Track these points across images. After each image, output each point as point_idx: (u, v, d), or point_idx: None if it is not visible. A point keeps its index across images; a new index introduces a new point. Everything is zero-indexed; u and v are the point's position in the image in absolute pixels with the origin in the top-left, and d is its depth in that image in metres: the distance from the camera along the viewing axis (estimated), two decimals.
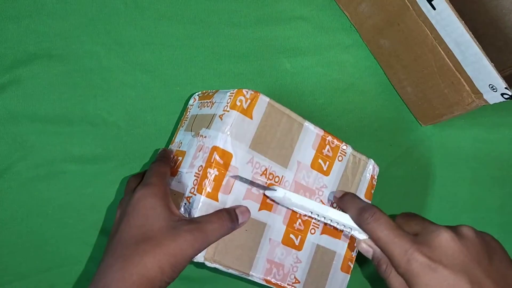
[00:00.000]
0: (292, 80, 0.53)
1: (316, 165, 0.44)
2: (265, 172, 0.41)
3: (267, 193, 0.41)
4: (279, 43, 0.53)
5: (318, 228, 0.45)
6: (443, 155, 0.55)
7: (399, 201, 0.54)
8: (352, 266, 0.47)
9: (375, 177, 0.48)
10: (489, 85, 0.42)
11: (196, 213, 0.38)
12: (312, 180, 0.44)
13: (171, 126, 0.50)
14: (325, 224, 0.44)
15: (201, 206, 0.38)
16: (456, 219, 0.54)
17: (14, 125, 0.48)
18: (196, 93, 0.47)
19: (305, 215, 0.43)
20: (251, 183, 0.40)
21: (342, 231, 0.46)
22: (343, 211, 0.42)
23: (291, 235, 0.43)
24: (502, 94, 0.41)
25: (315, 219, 0.44)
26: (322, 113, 0.53)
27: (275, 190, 0.41)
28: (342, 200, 0.43)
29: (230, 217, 0.38)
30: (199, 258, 0.39)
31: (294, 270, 0.43)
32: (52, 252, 0.48)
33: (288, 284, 0.43)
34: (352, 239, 0.46)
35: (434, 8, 0.41)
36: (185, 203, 0.39)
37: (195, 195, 0.39)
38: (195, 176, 0.39)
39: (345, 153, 0.46)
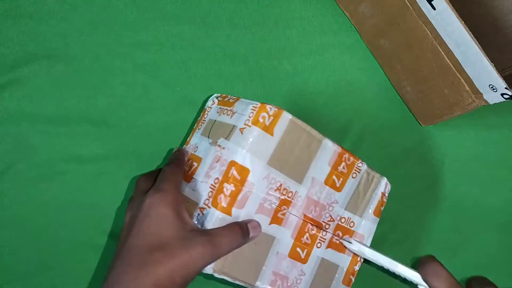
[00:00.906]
0: (293, 80, 0.53)
1: (330, 181, 0.44)
2: (279, 188, 0.41)
3: (343, 242, 0.46)
4: (279, 43, 0.53)
5: (324, 242, 0.45)
6: (443, 155, 0.55)
7: (399, 201, 0.54)
8: (353, 279, 0.47)
9: (386, 194, 0.48)
10: (489, 85, 0.42)
11: (209, 226, 0.39)
12: (324, 195, 0.44)
13: (171, 126, 0.50)
14: (332, 238, 0.45)
15: (215, 220, 0.39)
16: (456, 219, 0.54)
17: (14, 125, 0.48)
18: (214, 95, 0.47)
19: (313, 230, 0.44)
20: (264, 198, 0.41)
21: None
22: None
23: (298, 249, 0.44)
24: (502, 94, 0.41)
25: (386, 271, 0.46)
26: (322, 113, 0.53)
27: (351, 243, 0.45)
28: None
29: (242, 231, 0.39)
30: (208, 270, 0.39)
31: (298, 283, 0.44)
32: (52, 253, 0.48)
33: None
34: (356, 254, 0.47)
35: (434, 8, 0.41)
36: (199, 214, 0.40)
37: (209, 207, 0.39)
38: (210, 187, 0.39)
39: (360, 170, 0.46)
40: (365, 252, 0.45)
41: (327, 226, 0.45)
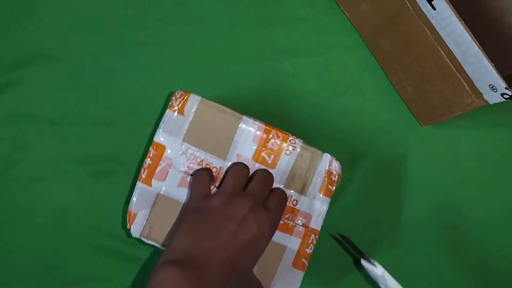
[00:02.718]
0: (293, 80, 0.53)
1: (260, 158, 0.46)
2: (201, 163, 0.45)
3: (365, 263, 0.46)
4: (279, 43, 0.53)
5: None
6: (443, 155, 0.55)
7: (400, 201, 0.54)
8: (307, 263, 0.46)
9: (335, 172, 0.47)
10: (489, 85, 0.42)
11: (135, 196, 0.45)
12: None
13: None
14: None
15: (137, 190, 0.45)
16: (456, 219, 0.54)
17: (14, 125, 0.48)
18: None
19: None
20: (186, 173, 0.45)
21: (294, 226, 0.46)
22: None
23: None
24: (502, 94, 0.41)
25: None
26: (323, 114, 0.53)
27: (375, 266, 0.46)
28: None
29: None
30: (135, 234, 0.45)
31: None
32: (52, 253, 0.48)
33: None
34: (307, 236, 0.46)
35: (434, 8, 0.42)
36: None
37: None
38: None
39: (294, 147, 0.46)
40: (387, 279, 0.45)
41: None
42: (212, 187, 0.45)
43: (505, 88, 0.40)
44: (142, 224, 0.45)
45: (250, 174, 0.45)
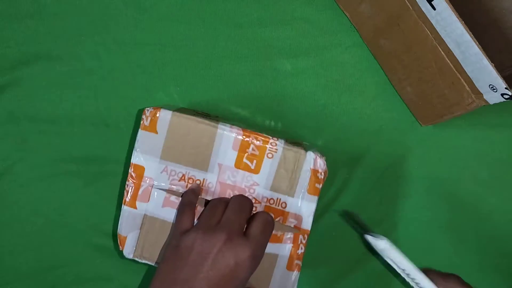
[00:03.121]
0: (293, 81, 0.53)
1: (242, 164, 0.45)
2: (183, 178, 0.45)
3: (369, 237, 0.45)
4: (279, 43, 0.53)
5: None
6: (443, 155, 0.55)
7: (400, 201, 0.54)
8: (300, 263, 0.46)
9: (320, 170, 0.46)
10: (489, 85, 0.42)
11: (122, 221, 0.45)
12: (239, 179, 0.45)
13: None
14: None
15: (124, 214, 0.45)
16: (456, 219, 0.54)
17: (14, 125, 0.48)
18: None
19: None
20: (169, 191, 0.45)
21: (283, 234, 0.46)
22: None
23: None
24: (502, 94, 0.41)
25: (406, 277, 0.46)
26: (323, 114, 0.53)
27: (379, 239, 0.44)
28: (428, 272, 0.46)
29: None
30: (128, 255, 0.45)
31: None
32: (52, 253, 0.48)
33: None
34: (297, 239, 0.46)
35: (434, 8, 0.41)
36: None
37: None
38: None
39: (276, 150, 0.45)
40: (391, 254, 0.44)
41: (253, 209, 0.45)
42: (198, 206, 0.44)
43: (505, 88, 0.40)
44: (134, 245, 0.45)
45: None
